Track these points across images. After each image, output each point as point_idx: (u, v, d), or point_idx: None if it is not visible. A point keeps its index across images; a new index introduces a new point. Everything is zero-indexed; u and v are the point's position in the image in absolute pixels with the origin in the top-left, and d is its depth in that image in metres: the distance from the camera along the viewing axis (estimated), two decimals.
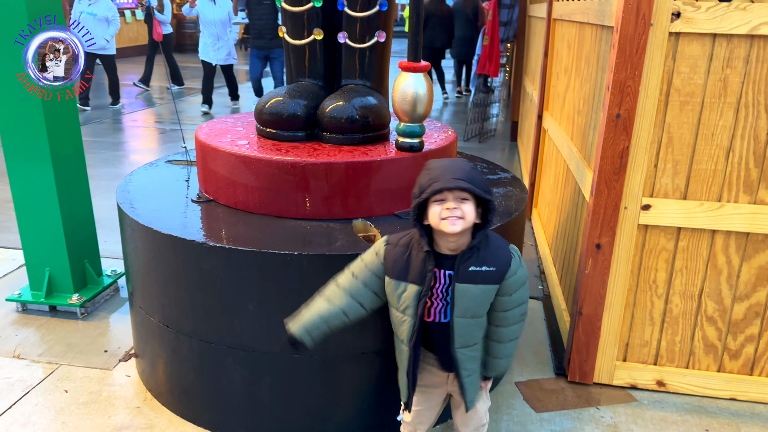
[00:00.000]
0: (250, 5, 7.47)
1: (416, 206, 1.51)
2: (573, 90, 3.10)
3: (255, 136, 2.46)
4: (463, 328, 1.61)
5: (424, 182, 1.52)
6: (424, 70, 2.13)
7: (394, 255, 1.62)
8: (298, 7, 2.44)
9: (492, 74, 6.42)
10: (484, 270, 1.57)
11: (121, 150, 6.27)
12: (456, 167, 1.52)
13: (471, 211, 1.49)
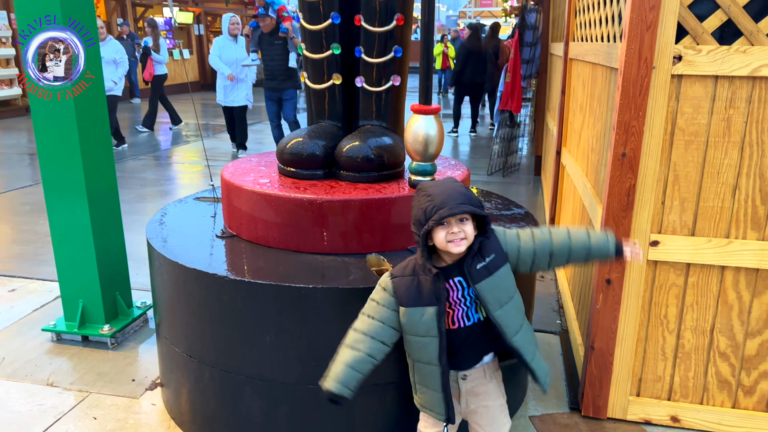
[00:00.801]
0: (262, 46, 7.32)
1: (423, 233, 1.62)
2: (587, 127, 3.17)
3: (276, 174, 2.58)
4: (505, 317, 1.71)
5: (427, 209, 1.63)
6: (434, 112, 2.24)
7: (403, 285, 1.72)
8: (318, 54, 2.59)
9: (514, 110, 6.52)
10: (489, 260, 1.70)
11: (154, 186, 6.51)
12: (453, 191, 1.66)
13: (471, 230, 1.65)
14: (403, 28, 2.53)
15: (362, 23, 2.51)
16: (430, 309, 1.68)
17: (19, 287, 3.74)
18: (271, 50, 7.11)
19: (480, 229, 1.68)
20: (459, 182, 1.72)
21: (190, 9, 17.50)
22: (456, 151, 8.73)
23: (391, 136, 2.58)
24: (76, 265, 3.03)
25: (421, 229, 1.64)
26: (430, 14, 2.23)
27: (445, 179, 1.76)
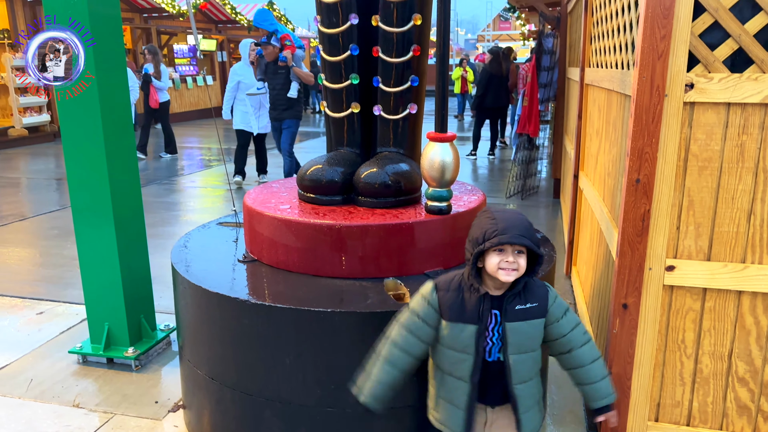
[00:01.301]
0: (267, 74, 7.18)
1: (477, 252, 1.66)
2: (603, 152, 3.20)
3: (297, 200, 2.65)
4: (519, 364, 1.73)
5: (488, 231, 1.66)
6: (450, 139, 2.30)
7: (448, 299, 1.75)
8: (337, 84, 2.68)
9: (532, 134, 6.56)
10: (529, 306, 1.72)
11: (178, 210, 6.65)
12: (519, 222, 1.69)
13: (524, 264, 1.68)
14: (420, 58, 2.61)
15: (380, 54, 2.59)
16: (471, 327, 1.72)
17: (47, 310, 3.84)
18: (274, 79, 7.03)
19: (529, 268, 1.72)
20: (524, 216, 1.75)
21: (213, 36, 17.91)
22: (475, 173, 8.77)
23: (408, 163, 2.64)
24: (103, 288, 3.11)
25: (476, 247, 1.68)
26: (445, 47, 2.30)
27: (513, 210, 1.82)
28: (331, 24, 2.62)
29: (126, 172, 3.10)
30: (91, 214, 3.05)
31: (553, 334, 1.78)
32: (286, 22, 19.51)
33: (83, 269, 3.15)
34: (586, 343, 1.80)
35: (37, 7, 11.69)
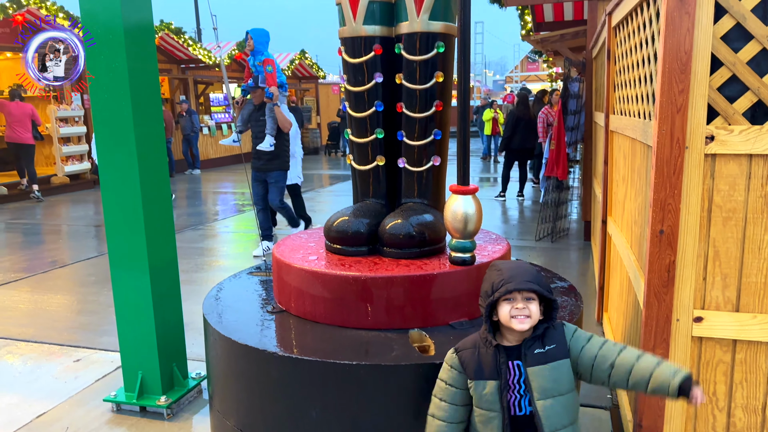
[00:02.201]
0: (251, 121, 6.35)
1: (488, 304, 1.69)
2: (630, 199, 3.20)
3: (324, 251, 2.71)
4: (548, 410, 1.71)
5: (495, 282, 1.71)
6: (472, 192, 2.34)
7: (468, 358, 1.79)
8: (363, 138, 2.76)
9: (560, 177, 6.56)
10: (548, 349, 1.73)
11: (212, 256, 6.78)
12: (523, 270, 1.74)
13: (536, 310, 1.70)
14: (442, 113, 2.68)
15: (404, 110, 2.68)
16: (491, 383, 1.73)
17: (83, 357, 3.94)
18: (258, 126, 6.22)
19: (546, 315, 1.74)
20: (531, 264, 1.80)
21: None
22: (505, 215, 8.76)
23: (432, 213, 2.68)
24: (137, 337, 3.20)
25: (487, 300, 1.72)
26: (466, 105, 2.37)
27: (520, 260, 1.87)
28: (357, 82, 2.72)
29: (161, 220, 3.21)
30: (128, 261, 3.16)
31: (585, 361, 1.75)
32: (317, 70, 20.05)
33: (119, 318, 3.24)
34: (623, 350, 1.76)
35: None
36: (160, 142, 3.22)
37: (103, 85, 3.02)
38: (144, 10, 3.08)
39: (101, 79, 3.00)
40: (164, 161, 3.25)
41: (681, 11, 2.06)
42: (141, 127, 3.06)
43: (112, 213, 3.15)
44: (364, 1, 2.62)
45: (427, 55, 2.59)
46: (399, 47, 2.66)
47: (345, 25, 2.71)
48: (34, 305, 5.06)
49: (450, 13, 2.62)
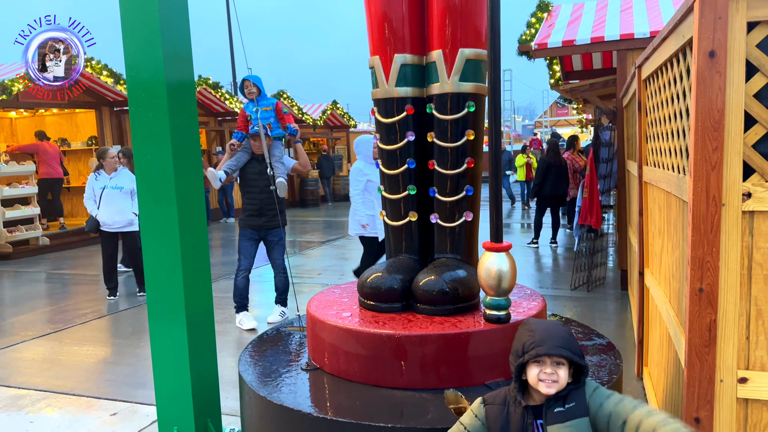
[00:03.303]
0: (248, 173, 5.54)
1: (518, 365, 1.69)
2: (667, 252, 3.16)
3: (358, 307, 2.73)
4: None
5: (527, 343, 1.71)
6: (505, 249, 2.34)
7: (494, 413, 1.78)
8: (396, 195, 2.81)
9: (594, 225, 6.50)
10: (567, 408, 1.71)
11: None
12: (556, 333, 1.73)
13: (565, 375, 1.69)
14: (474, 169, 2.71)
15: (435, 167, 2.72)
16: None
17: (120, 411, 3.98)
18: (260, 180, 5.44)
19: (576, 378, 1.72)
20: (564, 326, 1.79)
21: None
22: (539, 263, 8.67)
23: (466, 269, 2.68)
24: (173, 392, 3.22)
25: (517, 360, 1.72)
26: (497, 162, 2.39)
27: (553, 321, 1.86)
28: (390, 141, 2.79)
29: (199, 272, 3.27)
30: (166, 313, 3.21)
31: (602, 419, 1.71)
32: (348, 119, 20.45)
33: (156, 372, 3.28)
34: (637, 407, 1.70)
35: (122, 116, 12.77)
36: (200, 195, 3.31)
37: (146, 145, 3.13)
38: (186, 69, 3.21)
39: (145, 139, 3.12)
40: (203, 214, 3.33)
41: (712, 70, 2.08)
42: (182, 181, 3.15)
43: (152, 264, 3.22)
44: (396, 65, 2.70)
45: (458, 115, 2.65)
46: (430, 107, 2.72)
47: (378, 87, 2.79)
48: (72, 357, 5.15)
49: (480, 74, 2.68)
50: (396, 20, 2.71)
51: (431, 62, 2.70)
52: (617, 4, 7.23)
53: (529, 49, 6.46)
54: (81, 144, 12.82)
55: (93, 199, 7.01)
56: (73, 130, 13.42)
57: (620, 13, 6.83)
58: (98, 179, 7.04)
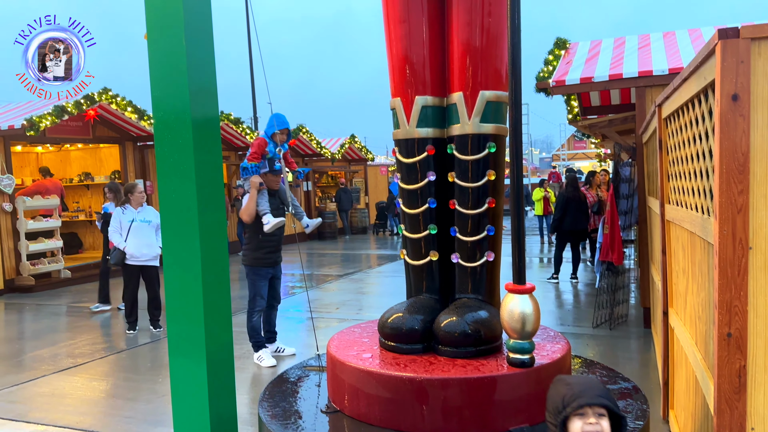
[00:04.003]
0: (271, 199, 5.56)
1: (561, 420, 1.68)
2: (692, 293, 3.10)
3: (378, 348, 2.71)
4: None
5: (566, 396, 1.71)
6: (528, 291, 2.32)
7: None
8: (417, 234, 2.81)
9: (616, 262, 6.42)
10: None
11: None
12: (593, 384, 1.75)
13: (607, 426, 1.70)
14: (495, 209, 2.71)
15: (456, 207, 2.73)
16: None
17: None
18: (279, 215, 5.59)
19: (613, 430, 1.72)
20: (597, 378, 1.80)
21: None
22: (559, 299, 8.56)
23: (488, 309, 2.66)
24: (192, 430, 3.20)
25: (558, 416, 1.71)
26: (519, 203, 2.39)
27: (586, 375, 1.87)
28: (411, 180, 2.80)
29: (220, 307, 3.28)
30: (186, 348, 3.20)
31: None
32: (366, 153, 20.62)
33: (175, 411, 3.26)
34: None
35: (145, 150, 13.00)
36: (222, 230, 3.34)
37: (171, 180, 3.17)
38: (211, 105, 3.26)
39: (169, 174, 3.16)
40: (225, 249, 3.35)
41: (735, 113, 2.07)
42: (204, 216, 3.18)
43: (174, 298, 3.23)
44: (417, 106, 2.73)
45: (479, 155, 2.66)
46: (451, 147, 2.74)
47: (399, 128, 2.82)
48: (92, 392, 5.16)
49: (500, 115, 2.70)
50: (417, 63, 2.75)
51: (452, 104, 2.73)
52: (635, 42, 7.27)
53: (547, 86, 6.50)
54: (104, 178, 13.03)
55: (119, 232, 7.11)
56: (97, 165, 13.68)
57: (638, 50, 6.87)
58: (125, 213, 7.19)
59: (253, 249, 5.61)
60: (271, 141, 5.49)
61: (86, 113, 11.20)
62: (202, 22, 3.19)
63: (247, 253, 5.65)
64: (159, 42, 3.15)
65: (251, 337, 5.83)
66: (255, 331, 5.78)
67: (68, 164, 13.94)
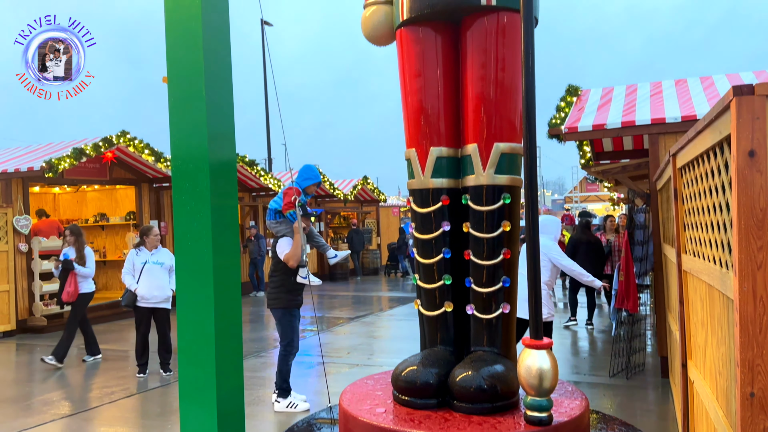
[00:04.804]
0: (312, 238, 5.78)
1: None
2: (711, 347, 3.04)
3: (392, 401, 2.66)
4: None
5: None
6: (546, 347, 2.29)
7: None
8: (431, 284, 2.79)
9: (631, 310, 6.33)
10: None
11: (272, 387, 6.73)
12: None
13: None
14: (510, 260, 2.70)
15: (471, 257, 2.71)
16: None
17: None
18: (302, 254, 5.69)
19: None
20: None
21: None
22: (575, 346, 8.42)
23: (504, 363, 2.62)
24: None
25: None
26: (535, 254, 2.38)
27: None
28: (425, 230, 2.80)
29: (232, 351, 3.25)
30: (196, 393, 3.17)
31: None
32: (378, 194, 20.73)
33: None
34: None
35: (161, 192, 13.16)
36: (236, 273, 3.34)
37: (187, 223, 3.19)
38: (229, 149, 3.30)
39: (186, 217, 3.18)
40: (238, 291, 3.35)
41: (752, 169, 2.06)
42: (219, 259, 3.19)
43: (186, 341, 3.22)
44: (432, 157, 2.76)
45: (494, 206, 2.66)
46: (466, 198, 2.75)
47: (414, 178, 2.84)
48: None
49: (515, 167, 2.71)
50: (432, 115, 2.78)
51: (466, 155, 2.75)
52: (647, 89, 7.33)
53: (560, 132, 6.54)
54: (119, 219, 13.18)
55: (131, 273, 7.14)
56: (113, 206, 13.84)
57: (650, 98, 6.92)
58: (139, 254, 7.22)
59: (287, 291, 5.57)
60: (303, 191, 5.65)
61: (104, 155, 11.40)
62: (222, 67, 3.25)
63: (281, 296, 5.59)
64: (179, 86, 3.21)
65: (283, 382, 5.70)
66: (287, 376, 5.66)
67: (84, 205, 14.12)
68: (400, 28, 2.81)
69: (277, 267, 5.61)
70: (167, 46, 3.24)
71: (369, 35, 2.91)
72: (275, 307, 5.61)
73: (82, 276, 7.83)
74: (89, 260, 7.91)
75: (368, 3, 2.90)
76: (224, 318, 3.20)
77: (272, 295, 5.64)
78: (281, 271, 5.58)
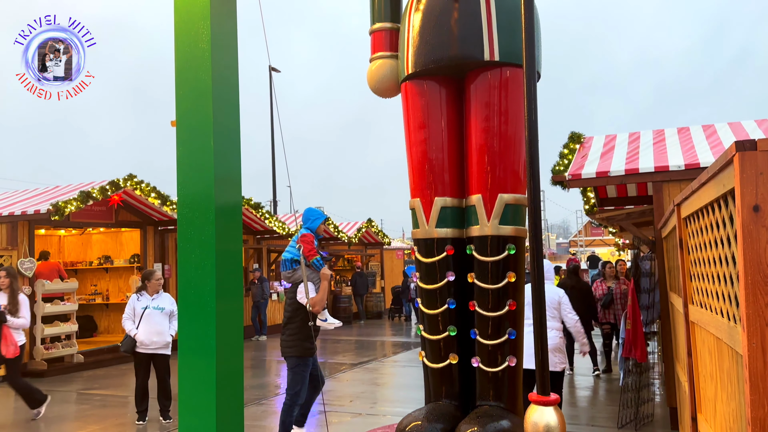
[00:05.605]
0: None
1: None
2: (721, 402, 2.98)
3: None
4: None
5: None
6: (553, 403, 2.25)
7: None
8: (436, 336, 2.77)
9: (640, 359, 6.23)
10: None
11: None
12: None
13: None
14: (516, 312, 2.68)
15: (476, 308, 2.70)
16: None
17: None
18: None
19: None
20: None
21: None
22: (582, 395, 8.26)
23: (510, 419, 2.57)
24: None
25: None
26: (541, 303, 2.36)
27: None
28: (430, 280, 2.80)
29: (233, 398, 3.20)
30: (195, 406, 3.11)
31: None
32: (383, 237, 20.74)
33: None
34: None
35: (166, 235, 13.20)
36: (239, 317, 3.32)
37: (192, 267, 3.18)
38: (235, 194, 3.32)
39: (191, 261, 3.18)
40: (240, 336, 3.32)
41: (758, 224, 2.06)
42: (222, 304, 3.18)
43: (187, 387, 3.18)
44: (436, 207, 2.77)
45: (499, 257, 2.66)
46: (470, 248, 2.75)
47: (418, 228, 2.85)
48: None
49: (519, 217, 2.72)
50: (437, 165, 2.81)
51: (471, 205, 2.76)
52: (649, 137, 7.40)
53: (563, 179, 6.58)
54: (123, 261, 13.18)
55: (132, 319, 7.07)
56: (117, 248, 13.87)
57: (653, 145, 6.98)
58: (140, 299, 7.14)
59: (304, 339, 5.41)
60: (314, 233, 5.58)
61: (111, 198, 11.49)
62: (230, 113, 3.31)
63: (297, 344, 5.43)
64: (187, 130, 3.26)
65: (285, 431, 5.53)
66: (290, 427, 5.50)
67: (89, 247, 14.15)
68: (405, 81, 2.87)
69: (296, 314, 5.45)
70: (176, 91, 3.31)
71: (375, 88, 2.97)
72: (290, 355, 5.48)
73: (13, 328, 7.00)
74: (24, 309, 7.11)
75: (374, 57, 2.97)
76: (226, 366, 3.17)
77: (288, 343, 5.50)
78: (295, 319, 5.45)
